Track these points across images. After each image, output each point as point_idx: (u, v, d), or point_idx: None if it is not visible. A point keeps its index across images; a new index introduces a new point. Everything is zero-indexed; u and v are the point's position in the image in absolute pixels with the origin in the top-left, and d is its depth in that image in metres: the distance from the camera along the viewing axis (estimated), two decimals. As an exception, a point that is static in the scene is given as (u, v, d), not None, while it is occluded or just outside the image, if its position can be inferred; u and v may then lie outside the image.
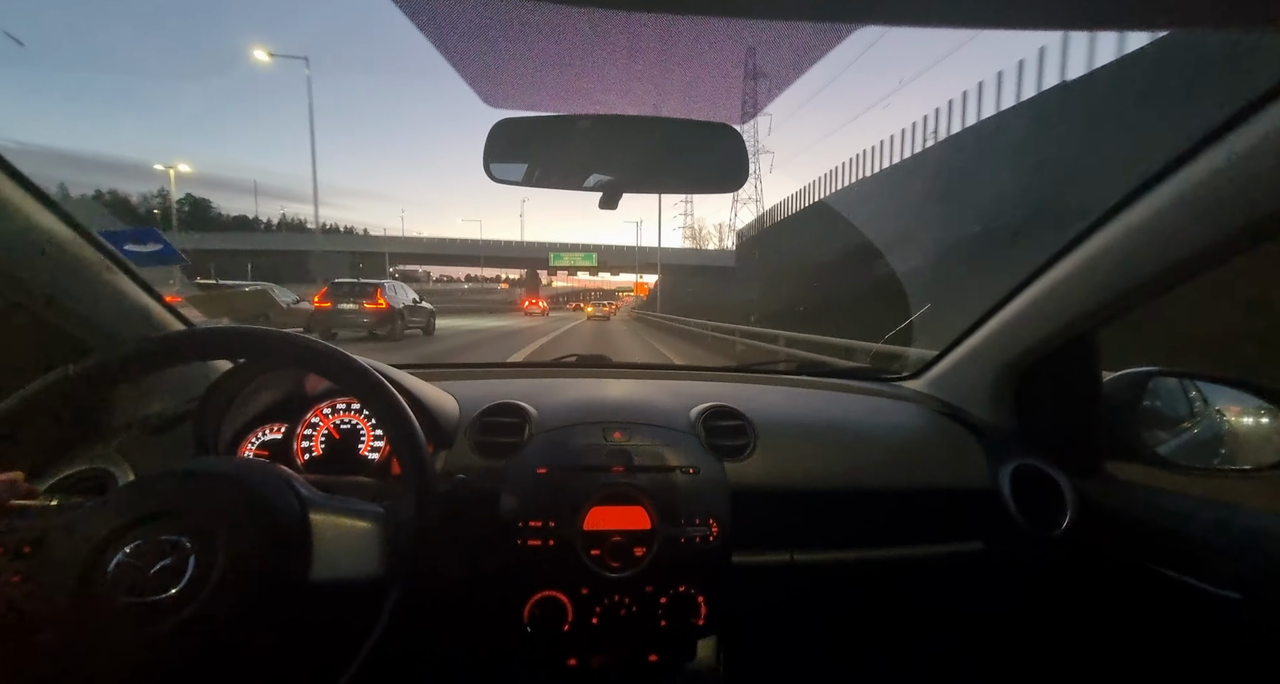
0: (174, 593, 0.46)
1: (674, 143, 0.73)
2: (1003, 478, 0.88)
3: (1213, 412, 0.88)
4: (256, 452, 0.90)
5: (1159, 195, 0.67)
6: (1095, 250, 0.77)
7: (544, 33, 0.64)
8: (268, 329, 0.63)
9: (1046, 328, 0.88)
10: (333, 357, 0.63)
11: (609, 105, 0.88)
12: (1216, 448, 0.87)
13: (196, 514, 0.50)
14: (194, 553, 0.48)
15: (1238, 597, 0.69)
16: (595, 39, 0.64)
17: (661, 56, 0.68)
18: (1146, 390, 0.88)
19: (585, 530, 0.74)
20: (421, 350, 9.85)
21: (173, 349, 0.62)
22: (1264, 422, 0.83)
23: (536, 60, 0.71)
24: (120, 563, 0.46)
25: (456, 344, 11.35)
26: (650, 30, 0.62)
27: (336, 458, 0.90)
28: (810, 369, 1.32)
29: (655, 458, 0.82)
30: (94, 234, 0.78)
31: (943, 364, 1.14)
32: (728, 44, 0.67)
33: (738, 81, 0.77)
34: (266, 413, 0.92)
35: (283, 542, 0.52)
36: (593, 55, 0.67)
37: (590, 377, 1.23)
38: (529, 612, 0.74)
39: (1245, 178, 0.58)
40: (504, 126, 0.72)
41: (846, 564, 0.85)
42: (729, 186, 0.73)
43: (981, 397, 1.02)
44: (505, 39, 0.66)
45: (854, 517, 0.86)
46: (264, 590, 0.49)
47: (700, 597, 0.76)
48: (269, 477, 0.56)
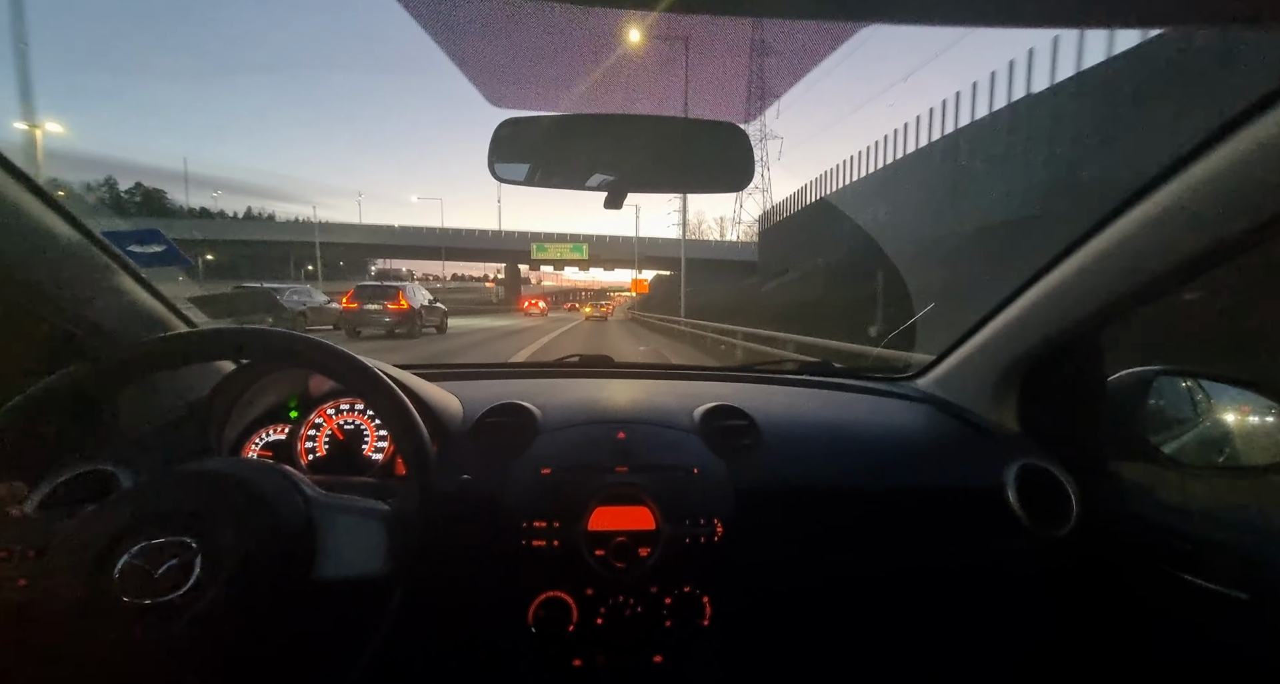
0: (181, 594, 0.46)
1: (679, 142, 0.73)
2: (1007, 478, 0.88)
3: (1218, 411, 0.88)
4: (260, 452, 0.90)
5: (1163, 195, 0.67)
6: (1099, 250, 0.77)
7: (548, 33, 0.64)
8: (272, 329, 0.63)
9: (1051, 327, 0.88)
10: (337, 356, 0.63)
11: (614, 105, 0.88)
12: (1222, 447, 0.86)
13: (202, 515, 0.50)
14: (200, 553, 0.48)
15: (1246, 597, 0.69)
16: (600, 39, 0.64)
17: (667, 56, 0.68)
18: (1151, 390, 0.88)
19: (589, 531, 0.74)
20: (435, 347, 10.53)
21: (177, 350, 0.62)
22: (1270, 421, 0.83)
23: (541, 60, 0.71)
24: (127, 564, 0.46)
25: (468, 341, 12.26)
26: (655, 31, 0.62)
27: (340, 458, 0.90)
28: (813, 369, 1.32)
29: (659, 458, 0.82)
30: (97, 235, 0.78)
31: (946, 364, 1.14)
32: (733, 43, 0.67)
33: (743, 81, 0.77)
34: (270, 413, 0.92)
35: (288, 541, 0.52)
36: (598, 55, 0.67)
37: (593, 377, 1.23)
38: (533, 612, 0.73)
39: (1249, 178, 0.58)
40: (509, 126, 0.72)
41: (851, 564, 0.85)
42: (734, 186, 0.73)
43: (985, 396, 1.02)
44: (510, 39, 0.66)
45: (858, 517, 0.86)
46: (270, 590, 0.49)
47: (705, 597, 0.76)
48: (273, 477, 0.56)
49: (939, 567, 0.86)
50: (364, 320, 11.79)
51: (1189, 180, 0.64)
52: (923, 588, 0.87)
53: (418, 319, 12.23)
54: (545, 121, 0.71)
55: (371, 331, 11.77)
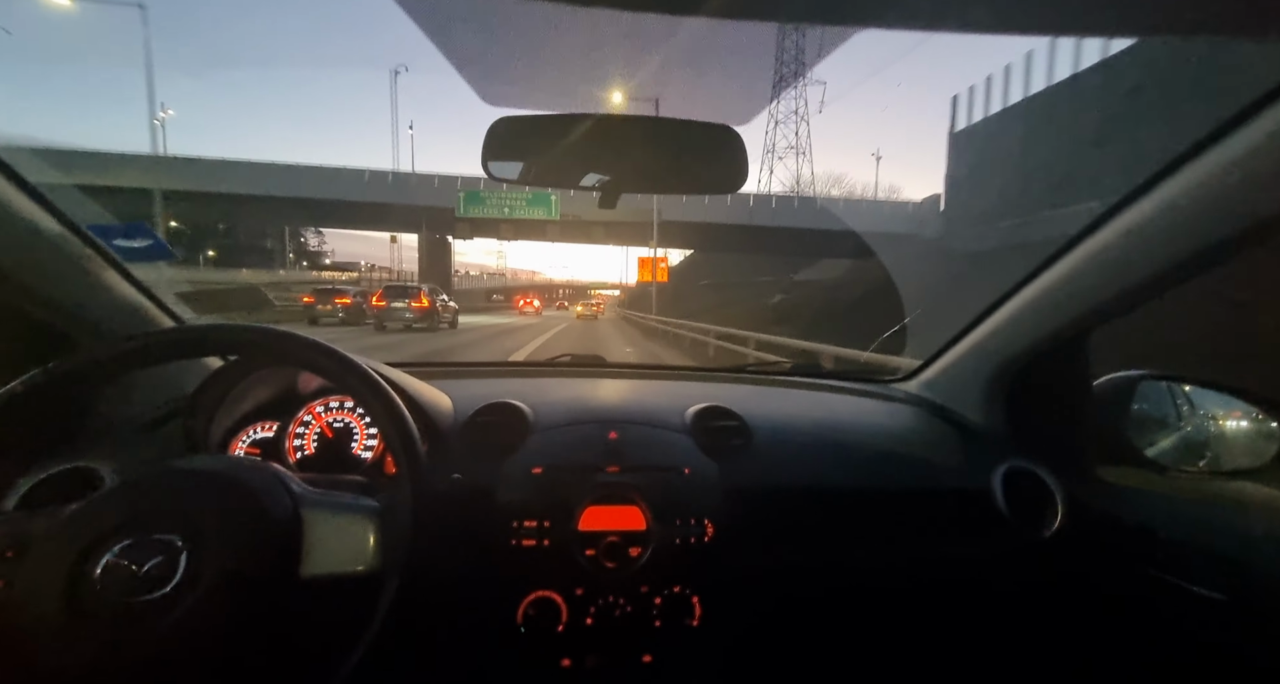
0: (165, 593, 0.45)
1: (674, 143, 0.74)
2: (995, 480, 0.89)
3: (1199, 415, 0.89)
4: (248, 450, 0.89)
5: (1152, 200, 0.68)
6: (1088, 254, 0.78)
7: (543, 32, 0.64)
8: (261, 326, 0.62)
9: (1039, 331, 0.89)
10: (327, 354, 0.62)
11: (609, 105, 0.88)
12: (1202, 451, 0.88)
13: (187, 513, 0.50)
14: (185, 552, 0.47)
15: (1223, 597, 0.70)
16: (594, 39, 0.64)
17: (662, 57, 0.68)
18: (1135, 394, 0.89)
19: (580, 531, 0.74)
20: (450, 341, 11.55)
21: (163, 346, 0.61)
22: (1248, 425, 0.85)
23: (535, 59, 0.70)
24: (109, 564, 0.45)
25: (479, 336, 13.74)
26: (650, 31, 0.62)
27: (329, 456, 0.90)
28: (805, 370, 1.33)
29: (650, 458, 0.82)
30: (82, 228, 0.77)
31: (936, 366, 1.15)
32: (731, 45, 0.67)
33: (740, 82, 0.77)
34: (258, 411, 0.91)
35: (276, 538, 0.51)
36: (592, 55, 0.67)
37: (585, 377, 1.23)
38: (523, 612, 0.73)
39: (1239, 183, 0.59)
40: (502, 124, 0.71)
41: (841, 564, 0.86)
42: (728, 187, 0.74)
43: (974, 399, 1.03)
44: (504, 38, 0.66)
45: (848, 517, 0.86)
46: (257, 588, 0.49)
47: (695, 597, 0.76)
48: (260, 474, 0.56)
49: (927, 567, 0.87)
50: (390, 317, 13.62)
51: (1177, 186, 0.65)
52: (911, 588, 0.88)
53: (436, 315, 14.28)
54: (540, 120, 0.71)
55: (396, 326, 13.59)
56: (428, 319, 13.91)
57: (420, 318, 13.77)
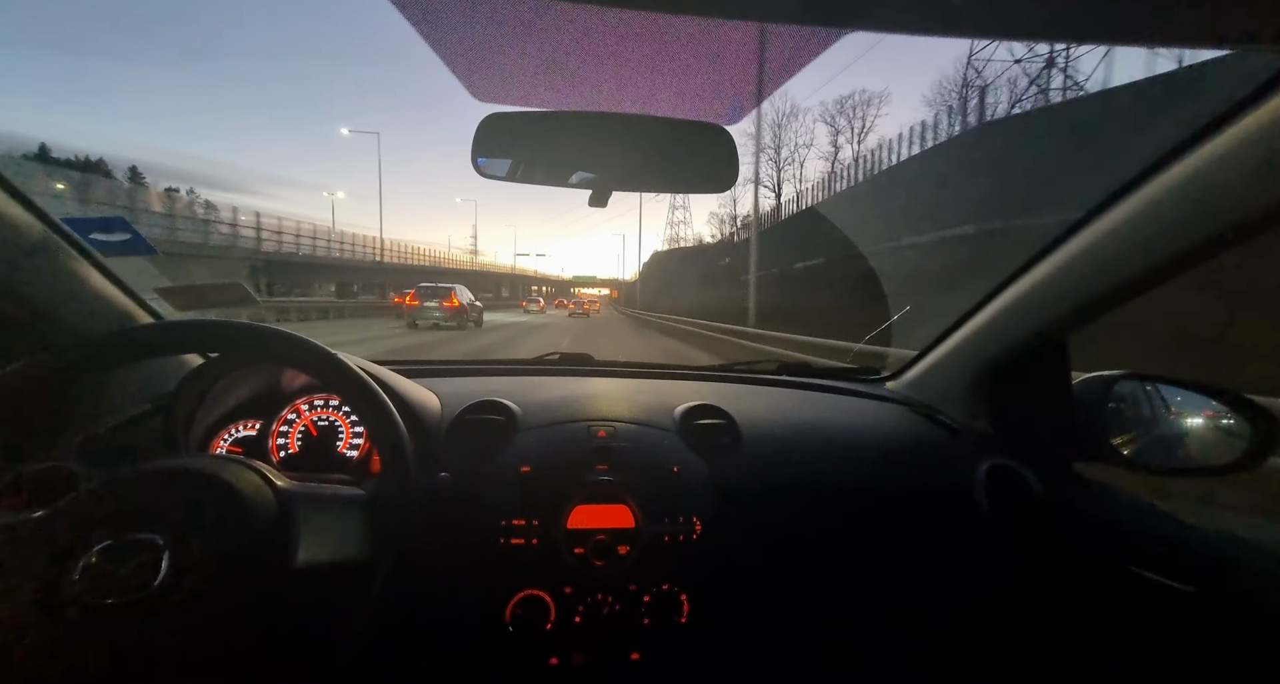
0: (148, 592, 0.44)
1: (665, 142, 0.74)
2: (977, 477, 0.90)
3: (1173, 414, 0.92)
4: (230, 448, 0.87)
5: (1132, 203, 0.69)
6: (1069, 256, 0.79)
7: (535, 27, 0.64)
8: (245, 323, 0.61)
9: (1021, 331, 0.91)
10: (312, 351, 0.61)
11: (599, 103, 0.87)
12: (1176, 449, 0.90)
13: (168, 511, 0.49)
14: (167, 551, 0.46)
15: (1192, 590, 0.72)
16: (587, 35, 0.63)
17: (653, 55, 0.68)
18: (1112, 393, 0.92)
19: (568, 529, 0.74)
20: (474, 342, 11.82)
21: (139, 344, 0.59)
22: (1219, 424, 0.87)
23: (527, 55, 0.70)
24: (88, 565, 0.44)
25: (509, 334, 14.36)
26: (642, 28, 0.62)
27: (313, 455, 0.88)
28: (792, 369, 1.34)
29: (639, 456, 0.82)
30: (58, 222, 0.75)
31: (920, 366, 1.17)
32: (720, 44, 0.67)
33: (729, 82, 0.77)
34: (240, 409, 0.90)
35: (261, 534, 0.50)
36: (585, 52, 0.66)
37: (573, 375, 1.22)
38: (511, 611, 0.73)
39: (1217, 185, 0.60)
40: (492, 120, 0.71)
41: (828, 562, 0.87)
42: (718, 187, 0.74)
43: (957, 398, 1.05)
44: (495, 33, 0.65)
45: (835, 515, 0.87)
46: (243, 583, 0.48)
47: (683, 595, 0.77)
48: (242, 471, 0.55)
49: (911, 563, 0.89)
50: (422, 315, 14.25)
51: (1157, 189, 0.66)
52: (896, 584, 0.90)
53: (464, 314, 14.91)
54: (529, 117, 0.71)
55: (427, 324, 14.28)
56: (457, 318, 14.50)
57: (450, 316, 14.34)
